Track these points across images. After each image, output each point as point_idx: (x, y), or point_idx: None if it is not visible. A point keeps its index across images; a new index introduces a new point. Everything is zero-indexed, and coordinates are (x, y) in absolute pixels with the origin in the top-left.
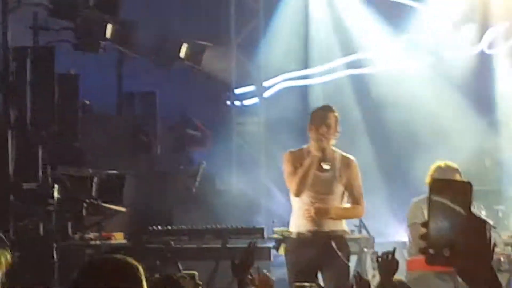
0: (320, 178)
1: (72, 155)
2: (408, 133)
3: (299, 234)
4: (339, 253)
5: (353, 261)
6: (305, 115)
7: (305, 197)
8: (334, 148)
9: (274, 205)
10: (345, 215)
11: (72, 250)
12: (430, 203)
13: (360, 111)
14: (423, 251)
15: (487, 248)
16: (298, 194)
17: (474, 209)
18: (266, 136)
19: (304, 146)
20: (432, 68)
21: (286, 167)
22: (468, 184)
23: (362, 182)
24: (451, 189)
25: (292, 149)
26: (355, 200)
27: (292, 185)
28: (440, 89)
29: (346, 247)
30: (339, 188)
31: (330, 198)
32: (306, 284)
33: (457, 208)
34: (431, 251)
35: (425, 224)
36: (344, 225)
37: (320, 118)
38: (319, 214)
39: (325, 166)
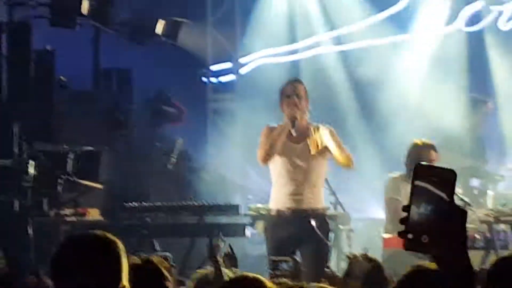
0: (295, 150)
1: (48, 131)
2: (386, 111)
3: (278, 211)
4: (319, 232)
5: None
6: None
7: (283, 170)
8: (308, 121)
9: (249, 182)
10: (342, 150)
11: (47, 226)
12: (414, 188)
13: (339, 88)
14: (401, 235)
15: (465, 238)
16: (263, 160)
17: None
18: (242, 113)
19: (282, 124)
20: (409, 46)
21: (260, 139)
22: (452, 172)
23: None
24: (435, 176)
25: (271, 125)
26: (339, 147)
27: (259, 153)
28: (420, 67)
29: (326, 225)
30: (316, 159)
31: (308, 170)
32: (282, 258)
33: (441, 194)
34: (409, 236)
35: (406, 208)
36: (323, 202)
37: (289, 91)
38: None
39: (294, 133)
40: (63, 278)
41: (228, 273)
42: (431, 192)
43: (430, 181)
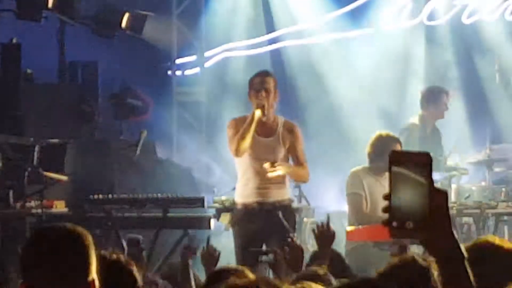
0: (263, 143)
1: (13, 123)
2: (349, 104)
3: (245, 205)
4: (286, 224)
5: None
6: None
7: (249, 163)
8: (276, 114)
9: (214, 174)
10: (296, 170)
11: (13, 218)
12: (391, 174)
13: (302, 82)
14: (386, 223)
15: (449, 218)
16: (237, 153)
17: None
18: (207, 106)
19: (248, 115)
20: (372, 40)
21: (228, 132)
22: (428, 156)
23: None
24: (411, 160)
25: (236, 117)
26: (299, 162)
27: (232, 146)
28: (379, 61)
29: (292, 216)
30: (282, 153)
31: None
32: (262, 249)
33: (419, 178)
34: (394, 224)
35: (387, 197)
36: (289, 194)
37: (258, 83)
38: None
39: (263, 118)
40: (33, 272)
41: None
42: (409, 177)
43: (406, 167)
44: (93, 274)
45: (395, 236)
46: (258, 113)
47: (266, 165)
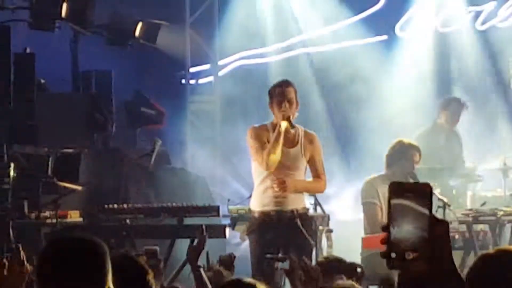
0: (286, 153)
1: (27, 133)
2: (365, 112)
3: (263, 213)
4: (305, 232)
5: None
6: (260, 94)
7: (270, 174)
8: (296, 124)
9: (229, 182)
10: (309, 187)
11: (28, 228)
12: (390, 206)
13: (318, 89)
14: (384, 255)
15: (450, 249)
16: (268, 168)
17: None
18: (220, 115)
19: (266, 123)
20: (388, 46)
21: (252, 143)
22: (427, 185)
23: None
24: (411, 191)
25: (255, 125)
26: (317, 174)
27: (259, 159)
28: (396, 67)
29: (311, 225)
30: (303, 164)
31: (295, 174)
32: (278, 256)
33: (420, 209)
34: (393, 255)
35: (385, 228)
36: (305, 202)
37: (280, 95)
38: (282, 187)
39: (292, 130)
40: (49, 282)
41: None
42: (409, 208)
43: (406, 197)
44: (109, 284)
45: (393, 267)
46: (284, 124)
47: (275, 186)
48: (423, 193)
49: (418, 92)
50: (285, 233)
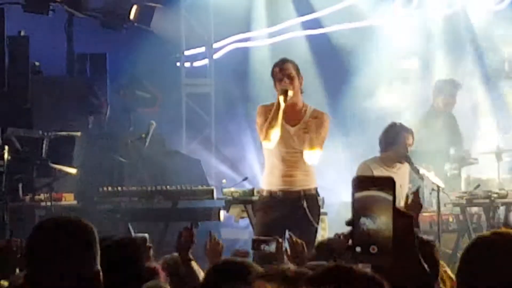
0: (288, 131)
1: (22, 116)
2: (364, 94)
3: (270, 192)
4: (310, 215)
5: None
6: (255, 77)
7: (275, 151)
8: (305, 103)
9: (223, 166)
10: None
11: (23, 211)
12: (353, 201)
13: (318, 72)
14: (349, 249)
15: (414, 242)
16: (268, 143)
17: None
18: (216, 98)
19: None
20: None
21: (258, 120)
22: (391, 179)
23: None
24: (375, 185)
25: (265, 104)
26: (312, 142)
27: (261, 135)
28: (397, 49)
29: (317, 207)
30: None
31: (301, 152)
32: (265, 238)
33: (384, 203)
34: (358, 249)
35: (349, 223)
36: (315, 182)
37: (279, 72)
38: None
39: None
40: (38, 263)
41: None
42: (373, 201)
43: (370, 191)
44: (98, 266)
45: (358, 261)
46: (281, 99)
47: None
48: (386, 186)
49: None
50: (290, 213)
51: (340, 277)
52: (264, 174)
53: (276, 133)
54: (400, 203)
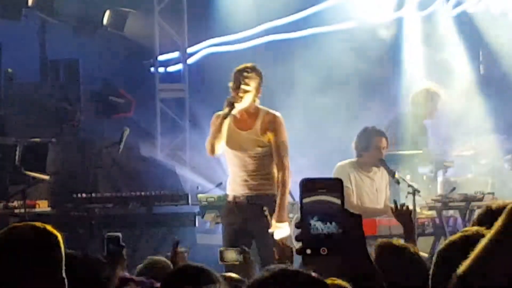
0: (243, 136)
1: None
2: (336, 98)
3: (233, 197)
4: (270, 219)
5: None
6: (229, 82)
7: (232, 157)
8: (259, 106)
9: (198, 171)
10: (284, 199)
11: None
12: (302, 205)
13: (286, 75)
14: (299, 252)
15: (363, 242)
16: (209, 151)
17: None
18: (190, 103)
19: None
20: (352, 33)
21: (211, 129)
22: (339, 181)
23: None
24: (323, 187)
25: (220, 112)
26: (279, 159)
27: (207, 146)
28: (364, 53)
29: None
30: (263, 146)
31: (257, 157)
32: (230, 249)
33: (333, 204)
34: (308, 251)
35: (298, 225)
36: (275, 189)
37: (238, 78)
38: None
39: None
40: (4, 269)
41: None
42: (322, 204)
43: (319, 193)
44: (62, 273)
45: (308, 263)
46: (227, 110)
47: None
48: (335, 188)
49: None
50: (253, 219)
51: (285, 281)
52: (228, 181)
53: (218, 145)
54: (377, 206)
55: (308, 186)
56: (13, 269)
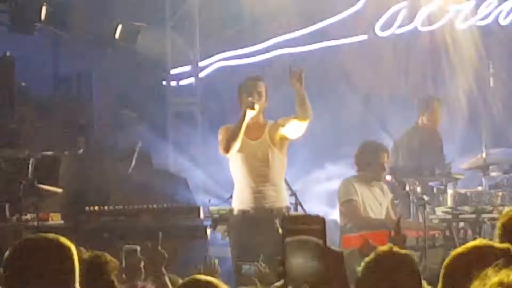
0: (252, 146)
1: (8, 136)
2: (343, 113)
3: (242, 211)
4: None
5: None
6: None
7: (243, 167)
8: (265, 119)
9: (209, 184)
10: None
11: (9, 232)
12: (284, 245)
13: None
14: None
15: (345, 277)
16: (226, 150)
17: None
18: (202, 116)
19: None
20: (366, 46)
21: (219, 138)
22: (320, 218)
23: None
24: (305, 223)
25: (228, 125)
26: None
27: (221, 145)
28: (375, 68)
29: None
30: (277, 157)
31: (267, 166)
32: (248, 263)
33: (314, 242)
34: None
35: (281, 263)
36: (286, 201)
37: (250, 87)
38: None
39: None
40: (13, 281)
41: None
42: (303, 242)
43: (300, 231)
44: (76, 285)
45: None
46: (249, 112)
47: None
48: (316, 225)
49: (399, 92)
50: (263, 233)
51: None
52: (234, 192)
53: (236, 143)
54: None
55: (290, 224)
56: (26, 280)
